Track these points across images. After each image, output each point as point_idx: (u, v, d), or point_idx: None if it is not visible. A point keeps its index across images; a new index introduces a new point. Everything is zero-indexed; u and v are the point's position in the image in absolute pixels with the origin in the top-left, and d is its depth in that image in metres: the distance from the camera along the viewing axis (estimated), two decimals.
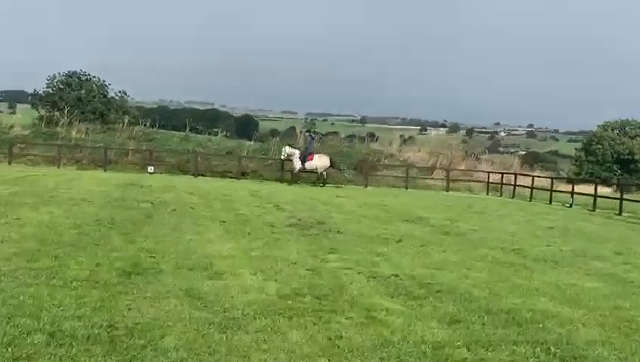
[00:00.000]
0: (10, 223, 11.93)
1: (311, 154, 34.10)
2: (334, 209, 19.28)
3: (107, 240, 10.88)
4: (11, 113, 58.09)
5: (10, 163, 33.87)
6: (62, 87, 48.04)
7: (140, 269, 8.78)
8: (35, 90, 50.28)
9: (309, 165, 33.87)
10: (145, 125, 44.44)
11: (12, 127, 40.60)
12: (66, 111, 41.95)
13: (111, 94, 49.59)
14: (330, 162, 34.25)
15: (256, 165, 37.59)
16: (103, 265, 8.88)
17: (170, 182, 26.54)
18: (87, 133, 40.27)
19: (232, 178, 35.10)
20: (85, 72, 49.51)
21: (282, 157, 34.74)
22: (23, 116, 48.38)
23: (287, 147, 34.99)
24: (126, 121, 43.21)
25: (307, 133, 40.29)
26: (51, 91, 48.11)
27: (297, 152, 34.20)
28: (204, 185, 26.16)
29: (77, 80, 48.42)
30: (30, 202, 15.47)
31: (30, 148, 37.35)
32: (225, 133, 47.88)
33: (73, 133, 39.87)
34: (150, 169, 34.36)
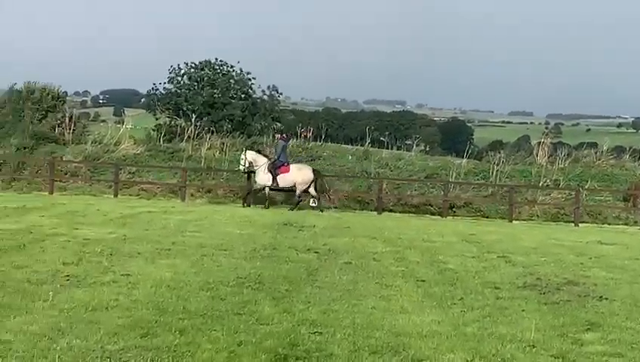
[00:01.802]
0: (118, 282, 12.71)
1: (285, 164, 33.91)
2: (594, 262, 18.72)
3: (253, 307, 11.28)
4: (118, 122, 61.91)
5: (116, 195, 36.13)
6: (188, 83, 49.98)
7: (300, 351, 9.01)
8: (151, 89, 52.99)
9: (282, 180, 33.73)
10: (305, 137, 45.54)
11: (119, 142, 43.08)
12: (193, 119, 43.81)
13: (257, 93, 51.06)
14: (315, 175, 33.98)
15: (471, 195, 37.43)
16: (248, 343, 9.22)
17: (342, 222, 27.00)
18: (223, 149, 41.81)
19: (434, 214, 35.16)
20: (222, 60, 51.37)
21: (241, 167, 34.81)
22: (135, 126, 51.18)
23: (248, 152, 34.92)
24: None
25: (277, 134, 39.36)
26: (173, 89, 50.28)
27: (264, 160, 34.09)
28: (392, 226, 26.37)
29: (210, 73, 50.11)
30: (144, 251, 16.39)
31: (144, 172, 39.44)
32: (424, 146, 48.12)
33: (204, 149, 41.63)
34: (313, 201, 35.14)
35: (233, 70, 51.43)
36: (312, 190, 34.27)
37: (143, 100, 79.29)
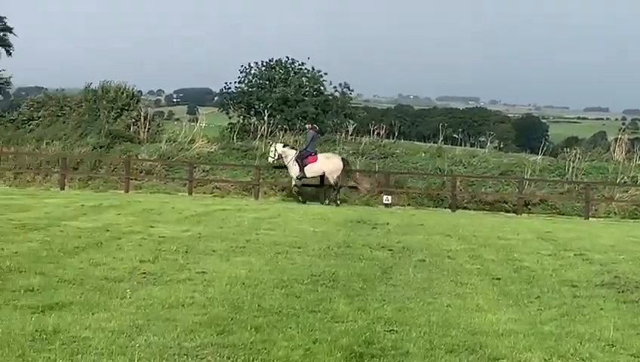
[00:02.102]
0: (193, 279, 12.86)
1: (312, 154, 33.91)
2: None
3: (328, 305, 11.33)
4: (191, 121, 62.53)
5: (190, 192, 36.53)
6: (260, 81, 50.41)
7: (376, 349, 9.02)
8: (223, 87, 53.48)
9: (310, 170, 33.82)
10: (378, 134, 45.50)
11: (193, 141, 43.53)
12: (266, 117, 44.11)
13: (329, 90, 51.25)
14: (344, 164, 34.02)
15: (546, 192, 37.07)
16: (323, 341, 9.25)
17: (416, 219, 27.01)
18: (295, 147, 42.04)
19: (508, 211, 34.91)
20: (294, 59, 51.65)
21: (270, 160, 34.97)
22: (208, 125, 51.60)
23: (278, 145, 34.95)
24: (350, 128, 44.53)
25: (308, 125, 38.71)
26: (245, 88, 50.72)
27: (293, 152, 34.17)
28: (466, 224, 26.28)
29: (282, 71, 50.48)
30: (219, 249, 16.57)
31: (217, 170, 39.82)
32: (497, 143, 47.75)
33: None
34: (387, 199, 35.16)
35: (305, 68, 51.63)
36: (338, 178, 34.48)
37: (216, 99, 79.95)
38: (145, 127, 44.51)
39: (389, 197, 35.37)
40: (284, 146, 35.17)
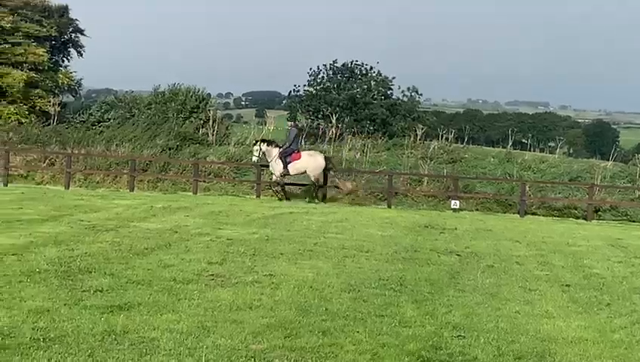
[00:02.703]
0: (261, 282, 12.92)
1: (296, 151, 33.76)
2: None
3: (395, 309, 11.33)
4: (260, 124, 62.96)
5: (259, 195, 36.67)
6: (328, 85, 50.61)
7: (444, 355, 9.01)
8: (292, 90, 53.78)
9: (294, 167, 33.73)
10: (446, 138, 45.38)
11: None
12: (334, 120, 44.23)
13: (396, 94, 51.27)
14: (326, 162, 33.97)
15: (617, 199, 36.60)
16: (391, 345, 9.25)
17: (484, 224, 26.83)
18: (363, 150, 42.09)
19: (578, 218, 34.53)
20: (361, 62, 51.79)
21: (254, 158, 34.88)
22: (277, 128, 51.94)
23: (261, 143, 34.71)
24: (419, 132, 44.46)
25: (290, 122, 38.51)
26: (313, 91, 50.94)
27: (276, 150, 33.93)
28: (535, 230, 26.07)
29: (349, 75, 50.70)
30: (287, 252, 16.62)
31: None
32: (567, 148, 47.30)
33: (345, 151, 41.95)
34: (455, 204, 35.03)
35: (373, 71, 51.71)
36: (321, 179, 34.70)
37: (284, 102, 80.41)
38: (213, 130, 44.89)
39: (457, 202, 35.20)
40: (268, 144, 35.05)
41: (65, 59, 64.19)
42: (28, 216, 20.52)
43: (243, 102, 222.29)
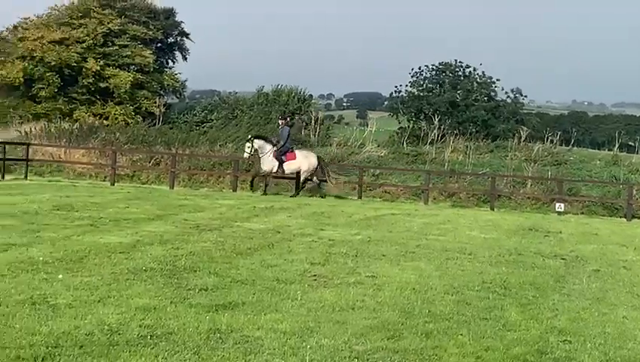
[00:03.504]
0: (363, 283, 12.92)
1: (290, 150, 34.00)
2: None
3: (499, 312, 11.22)
4: (361, 125, 63.15)
5: (360, 196, 36.74)
6: (430, 85, 50.45)
7: (549, 359, 8.91)
8: (393, 92, 53.74)
9: (288, 167, 33.98)
10: (551, 141, 44.81)
11: (363, 145, 43.92)
12: (436, 121, 44.07)
13: (500, 96, 50.80)
14: (318, 162, 34.31)
15: None
16: (495, 349, 9.17)
17: (589, 228, 26.45)
18: (466, 152, 41.87)
19: None
20: (463, 63, 51.47)
21: (245, 155, 35.07)
22: (378, 129, 52.03)
23: (255, 140, 34.73)
24: (523, 134, 44.02)
25: (281, 119, 37.39)
26: (416, 92, 50.82)
27: (270, 147, 33.98)
28: None
29: (451, 75, 50.47)
30: (389, 253, 16.60)
31: (387, 175, 40.02)
32: None
33: (447, 152, 41.82)
34: (559, 207, 34.60)
35: (475, 72, 51.36)
36: (315, 178, 35.27)
37: (385, 103, 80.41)
38: (315, 131, 45.15)
39: (562, 204, 34.75)
40: (263, 140, 35.27)
41: (170, 60, 65.33)
42: (134, 215, 20.92)
43: (344, 103, 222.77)
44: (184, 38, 64.99)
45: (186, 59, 65.06)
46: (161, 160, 42.46)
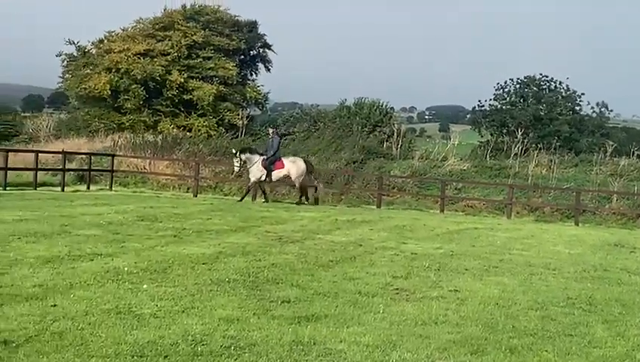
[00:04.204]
0: (446, 297, 12.85)
1: (279, 159, 34.34)
2: None
3: (584, 329, 11.06)
4: (443, 138, 62.94)
5: (442, 210, 36.61)
6: (514, 99, 50.20)
7: None
8: (476, 105, 53.55)
9: (276, 174, 34.36)
10: (638, 156, 44.15)
11: (445, 158, 43.77)
12: (519, 135, 43.75)
13: (585, 110, 50.29)
14: (307, 166, 34.56)
15: None
16: None
17: None
18: (550, 167, 41.48)
19: None
20: (548, 77, 51.04)
21: (236, 169, 35.58)
22: (461, 142, 51.79)
23: (241, 153, 35.06)
24: (608, 148, 43.43)
25: (272, 129, 37.60)
26: (499, 106, 50.58)
27: (257, 157, 34.33)
28: None
29: (536, 89, 50.14)
30: (471, 267, 16.48)
31: (469, 189, 39.84)
32: None
33: (531, 167, 41.47)
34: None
35: (560, 86, 50.90)
36: (320, 184, 36.10)
37: (468, 116, 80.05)
38: (397, 144, 45.13)
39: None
40: (249, 152, 35.41)
41: (253, 73, 65.80)
42: (217, 227, 21.10)
43: (426, 117, 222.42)
44: (266, 50, 65.43)
45: (269, 70, 65.48)
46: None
